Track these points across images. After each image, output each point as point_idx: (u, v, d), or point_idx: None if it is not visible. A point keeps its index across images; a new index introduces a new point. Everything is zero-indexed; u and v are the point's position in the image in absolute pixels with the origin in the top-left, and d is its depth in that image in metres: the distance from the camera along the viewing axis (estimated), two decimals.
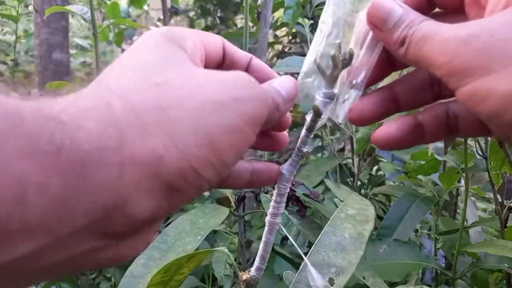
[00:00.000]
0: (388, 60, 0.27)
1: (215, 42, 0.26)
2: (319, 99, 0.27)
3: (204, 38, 0.25)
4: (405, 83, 0.27)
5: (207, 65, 0.25)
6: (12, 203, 0.13)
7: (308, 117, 0.28)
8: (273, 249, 0.80)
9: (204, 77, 0.20)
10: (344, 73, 0.27)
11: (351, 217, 0.40)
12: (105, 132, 0.16)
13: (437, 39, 0.21)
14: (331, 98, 0.27)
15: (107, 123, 0.16)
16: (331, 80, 0.26)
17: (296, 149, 0.29)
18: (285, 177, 0.29)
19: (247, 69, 0.27)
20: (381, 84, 0.29)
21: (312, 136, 0.28)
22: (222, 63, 0.27)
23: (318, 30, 0.28)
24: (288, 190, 0.29)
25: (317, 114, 0.27)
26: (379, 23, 0.24)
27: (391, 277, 0.58)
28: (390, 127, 0.26)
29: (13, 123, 0.14)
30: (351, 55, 0.26)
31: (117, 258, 0.18)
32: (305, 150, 0.28)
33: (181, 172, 0.17)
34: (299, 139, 0.28)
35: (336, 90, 0.27)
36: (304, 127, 0.28)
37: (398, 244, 0.62)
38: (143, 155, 0.16)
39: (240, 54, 0.27)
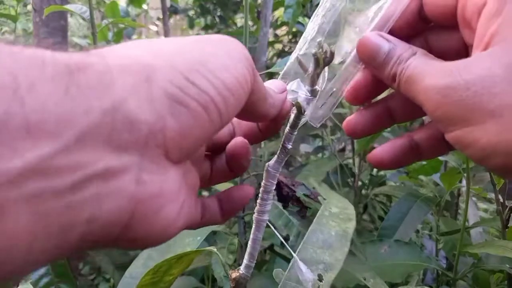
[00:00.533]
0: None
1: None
2: (301, 96, 0.27)
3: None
4: (400, 97, 0.27)
5: None
6: (10, 97, 0.13)
7: (292, 114, 0.28)
8: (273, 250, 0.80)
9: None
10: (325, 73, 0.28)
11: (334, 215, 0.41)
12: (87, 52, 0.16)
13: (422, 86, 0.22)
14: (313, 95, 0.27)
15: (89, 52, 0.16)
16: (313, 78, 0.27)
17: (280, 146, 0.29)
18: (270, 174, 0.29)
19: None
20: None
21: (295, 132, 0.29)
22: None
23: (307, 28, 0.29)
24: (274, 187, 0.30)
25: (300, 111, 0.28)
26: (369, 60, 0.25)
27: (392, 277, 0.58)
28: (383, 149, 0.27)
29: None
30: (332, 53, 0.26)
31: (140, 196, 0.16)
32: (289, 147, 0.29)
33: (174, 78, 0.17)
34: (283, 136, 0.29)
35: (318, 87, 0.27)
36: (288, 124, 0.29)
37: (399, 244, 0.62)
38: (130, 63, 0.16)
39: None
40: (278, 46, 1.53)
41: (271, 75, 1.32)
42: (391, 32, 0.25)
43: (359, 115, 0.28)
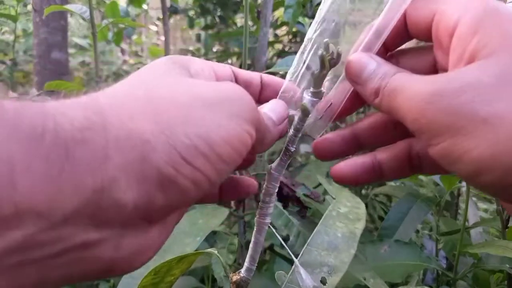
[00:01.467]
0: (358, 96, 0.26)
1: (225, 69, 0.26)
2: (307, 98, 0.27)
3: (214, 65, 0.25)
4: (368, 123, 0.27)
5: None
6: (2, 186, 0.13)
7: (296, 117, 0.28)
8: (273, 250, 0.80)
9: (196, 81, 0.20)
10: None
11: (343, 215, 0.40)
12: (88, 118, 0.16)
13: (406, 94, 0.21)
14: (318, 97, 0.27)
15: (92, 110, 0.16)
16: (319, 80, 0.26)
17: (284, 148, 0.29)
18: (273, 176, 0.29)
19: (262, 86, 0.28)
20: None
21: (300, 135, 0.29)
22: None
23: (309, 30, 0.28)
24: (276, 190, 0.29)
25: (305, 113, 0.27)
26: (355, 77, 0.25)
27: (392, 278, 0.58)
28: (346, 165, 0.27)
29: None
30: (338, 55, 0.25)
31: (117, 258, 0.17)
32: (293, 149, 0.29)
33: (170, 159, 0.16)
34: (287, 139, 0.29)
35: (323, 89, 0.27)
36: (292, 126, 0.28)
37: (399, 244, 0.62)
38: (129, 139, 0.16)
39: (251, 74, 0.28)
40: (278, 46, 1.53)
41: (271, 75, 1.32)
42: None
43: (327, 139, 0.28)
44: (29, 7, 1.50)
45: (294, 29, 1.29)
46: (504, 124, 0.17)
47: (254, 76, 0.28)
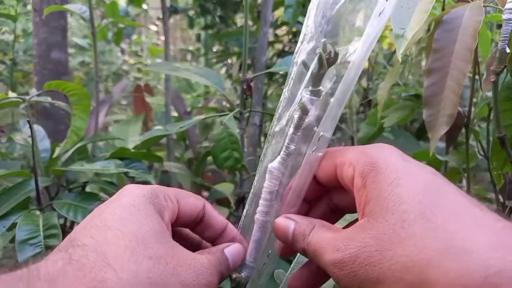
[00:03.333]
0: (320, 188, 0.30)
1: (195, 204, 0.30)
2: (306, 96, 0.27)
3: (183, 200, 0.29)
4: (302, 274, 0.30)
5: (181, 222, 0.30)
6: None
7: (296, 115, 0.28)
8: None
9: (183, 260, 0.25)
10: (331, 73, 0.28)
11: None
12: None
13: (323, 261, 0.25)
14: (317, 96, 0.27)
15: None
16: (318, 78, 0.27)
17: (284, 147, 0.29)
18: (273, 174, 0.29)
19: (222, 233, 0.32)
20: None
21: (299, 133, 0.29)
22: (200, 222, 0.31)
23: (304, 27, 0.29)
24: (277, 188, 0.29)
25: (304, 111, 0.27)
26: (284, 240, 0.28)
27: None
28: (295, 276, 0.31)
29: None
30: (336, 54, 0.26)
31: None
32: (292, 147, 0.29)
33: None
34: (287, 137, 0.29)
35: (322, 88, 0.27)
36: (292, 125, 0.28)
37: None
38: None
39: (218, 219, 0.32)
40: (278, 46, 1.53)
41: (271, 75, 1.32)
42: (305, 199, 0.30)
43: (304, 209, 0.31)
44: (29, 7, 1.50)
45: (294, 29, 1.29)
46: (395, 283, 0.21)
47: (219, 222, 0.32)
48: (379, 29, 0.26)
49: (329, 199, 0.31)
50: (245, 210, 0.32)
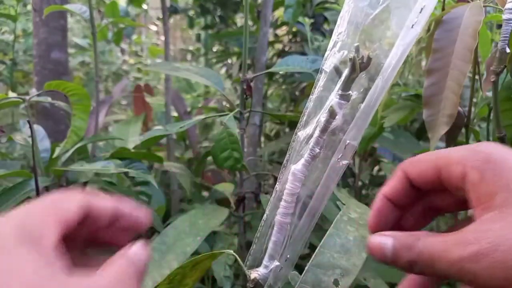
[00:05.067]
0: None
1: (70, 208, 0.24)
2: (335, 100, 0.27)
3: (57, 212, 0.23)
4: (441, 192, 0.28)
5: (68, 232, 0.24)
6: None
7: (323, 118, 0.28)
8: None
9: None
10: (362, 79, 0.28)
11: (353, 220, 0.40)
12: None
13: (448, 261, 0.22)
14: (346, 100, 0.27)
15: None
16: (348, 82, 0.27)
17: (309, 149, 0.29)
18: (296, 176, 0.29)
19: (115, 219, 0.27)
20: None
21: (325, 137, 0.29)
22: (83, 222, 0.25)
23: (334, 33, 0.29)
24: (299, 190, 0.30)
25: (332, 115, 0.27)
26: (381, 259, 0.26)
27: (392, 277, 0.58)
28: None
29: None
30: (369, 59, 0.26)
31: None
32: (317, 150, 0.29)
33: None
34: (312, 140, 0.29)
35: (351, 93, 0.27)
36: (318, 128, 0.28)
37: None
38: None
39: (101, 207, 0.26)
40: (278, 46, 1.53)
41: (271, 75, 1.32)
42: (394, 210, 0.28)
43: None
44: (29, 7, 1.50)
45: (294, 29, 1.29)
46: None
47: (102, 211, 0.26)
48: (410, 41, 0.26)
49: (426, 202, 0.30)
50: (265, 215, 0.32)
